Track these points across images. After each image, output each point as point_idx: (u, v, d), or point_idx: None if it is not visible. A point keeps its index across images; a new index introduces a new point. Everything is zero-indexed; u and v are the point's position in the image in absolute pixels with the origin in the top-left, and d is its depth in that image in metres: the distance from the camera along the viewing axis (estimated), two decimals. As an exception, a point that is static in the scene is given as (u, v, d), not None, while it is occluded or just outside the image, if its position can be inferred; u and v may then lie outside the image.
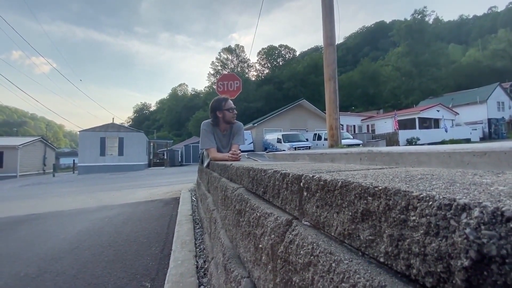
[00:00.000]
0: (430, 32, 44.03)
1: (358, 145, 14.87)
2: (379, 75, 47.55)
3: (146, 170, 21.80)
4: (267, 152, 4.49)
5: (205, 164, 2.72)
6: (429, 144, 19.43)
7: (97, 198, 6.02)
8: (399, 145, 20.10)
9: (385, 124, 27.20)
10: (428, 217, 0.32)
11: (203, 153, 2.91)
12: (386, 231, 0.39)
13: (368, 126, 29.46)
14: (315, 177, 0.57)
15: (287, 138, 17.41)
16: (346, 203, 0.48)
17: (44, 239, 2.99)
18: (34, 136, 40.38)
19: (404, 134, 21.72)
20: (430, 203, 0.33)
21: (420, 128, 24.87)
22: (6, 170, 22.69)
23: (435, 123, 26.05)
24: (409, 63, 43.20)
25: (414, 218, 0.34)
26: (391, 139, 22.00)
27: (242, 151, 2.74)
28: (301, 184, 0.62)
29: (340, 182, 0.50)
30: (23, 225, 3.71)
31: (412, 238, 0.34)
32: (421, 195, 0.34)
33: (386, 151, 1.58)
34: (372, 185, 0.43)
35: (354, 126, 29.55)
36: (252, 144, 19.91)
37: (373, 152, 1.70)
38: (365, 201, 0.43)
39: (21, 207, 5.29)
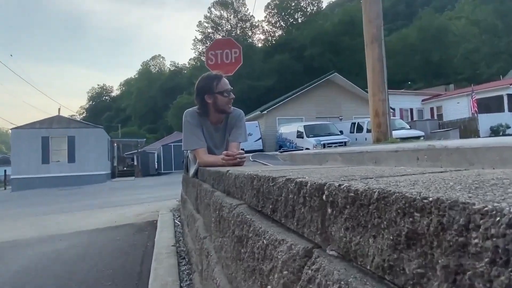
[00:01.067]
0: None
1: (418, 138, 14.28)
2: (446, 34, 45.34)
3: (108, 182, 22.17)
4: (282, 152, 4.49)
5: (192, 172, 2.78)
6: (525, 133, 19.03)
7: (40, 224, 6.14)
8: (479, 136, 19.75)
9: (457, 106, 26.69)
10: (494, 239, 0.34)
11: (188, 156, 2.97)
12: (440, 261, 0.40)
13: (432, 109, 28.95)
14: (342, 187, 0.59)
15: (311, 131, 17.39)
16: (385, 222, 0.49)
17: (-33, 284, 3.10)
18: None
19: (486, 120, 21.32)
20: (497, 219, 0.34)
21: (510, 110, 24.33)
22: None
23: (535, 102, 25.50)
24: (492, 14, 42.05)
25: (476, 241, 0.36)
26: (467, 128, 21.60)
27: (246, 152, 2.75)
28: (324, 197, 0.63)
29: (376, 193, 0.52)
30: None
31: (474, 269, 0.35)
32: (485, 208, 0.35)
33: (454, 146, 1.58)
34: (420, 196, 0.44)
35: (411, 110, 29.17)
36: (260, 141, 19.87)
37: (435, 148, 1.70)
38: (410, 218, 0.45)
39: None
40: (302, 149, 10.04)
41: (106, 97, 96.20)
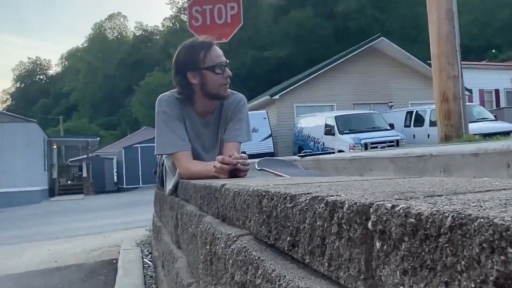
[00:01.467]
0: None
1: (507, 134, 10.82)
2: None
3: (45, 202, 17.33)
4: (302, 156, 3.68)
5: (169, 187, 2.23)
6: None
7: None
8: None
9: None
10: None
11: (164, 164, 2.38)
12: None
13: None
14: (397, 209, 0.45)
15: (347, 125, 13.67)
16: (463, 262, 0.37)
17: None
18: None
19: None
20: None
21: None
22: None
23: None
24: None
25: None
26: None
27: (250, 156, 2.27)
28: (370, 224, 0.49)
29: (449, 219, 0.39)
30: None
31: None
32: None
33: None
34: (515, 223, 0.34)
35: (496, 91, 21.70)
36: (270, 139, 16.01)
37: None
38: (501, 257, 0.31)
39: None
40: (333, 152, 7.64)
41: (41, 77, 74.23)
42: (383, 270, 0.47)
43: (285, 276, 0.64)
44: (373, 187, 0.70)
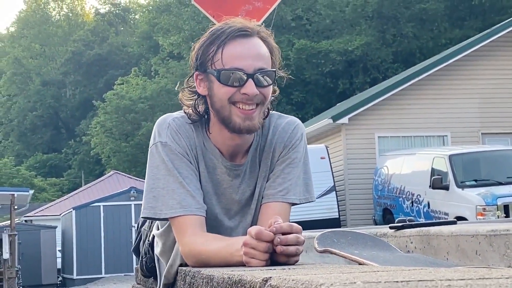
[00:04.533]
0: None
1: None
2: None
3: None
4: (397, 226, 1.95)
5: (162, 280, 1.27)
6: None
7: None
8: None
9: None
10: None
11: (153, 237, 1.32)
12: None
13: None
14: None
15: (471, 170, 8.06)
16: None
17: None
18: None
19: None
20: None
21: None
22: None
23: None
24: None
25: None
26: None
27: (304, 227, 1.07)
28: None
29: None
30: None
31: None
32: None
33: None
34: None
35: None
36: (332, 194, 9.17)
37: None
38: None
39: None
40: (449, 221, 2.95)
41: None
42: None
43: None
44: None
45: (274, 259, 0.89)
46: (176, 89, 1.25)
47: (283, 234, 0.86)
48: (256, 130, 1.12)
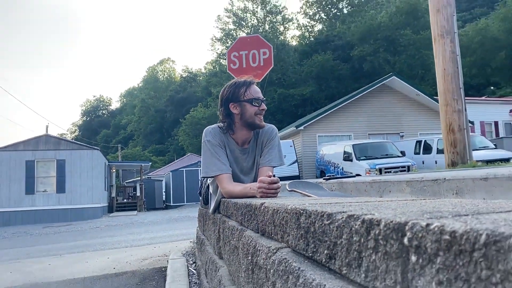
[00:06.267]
0: None
1: (507, 160, 10.34)
2: None
3: (105, 218, 16.67)
4: (327, 179, 3.39)
5: (212, 206, 2.11)
6: None
7: (23, 270, 4.62)
8: None
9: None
10: None
11: (208, 185, 2.25)
12: None
13: (524, 121, 20.42)
14: (432, 227, 0.40)
15: (363, 152, 12.68)
16: (498, 275, 0.32)
17: None
18: None
19: None
20: None
21: None
22: None
23: None
24: None
25: None
26: None
27: (280, 179, 2.07)
28: (406, 240, 0.43)
29: (483, 236, 0.34)
30: None
31: None
32: None
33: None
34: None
35: (495, 123, 20.42)
36: (295, 164, 14.74)
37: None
38: None
39: None
40: (352, 176, 7.47)
41: (103, 111, 72.37)
42: (419, 281, 0.42)
43: (325, 285, 0.59)
44: (400, 207, 0.64)
45: (267, 195, 1.65)
46: (218, 114, 2.12)
47: (272, 183, 1.65)
48: (262, 127, 2.05)
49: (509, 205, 0.56)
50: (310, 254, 0.70)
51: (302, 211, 0.74)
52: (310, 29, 43.52)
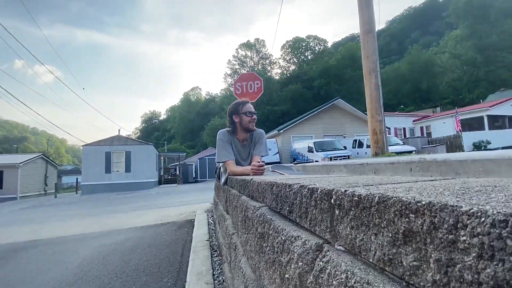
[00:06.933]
0: (496, 7, 41.68)
1: (410, 152, 14.24)
2: (433, 66, 45.22)
3: (156, 188, 22.37)
4: (295, 163, 4.49)
5: (223, 180, 2.78)
6: (503, 148, 18.30)
7: (102, 222, 6.26)
8: (463, 151, 19.09)
9: (444, 125, 25.98)
10: (480, 236, 0.32)
11: (220, 167, 2.99)
12: (433, 255, 0.38)
13: (422, 128, 28.30)
14: (347, 192, 0.58)
15: (320, 147, 17.28)
16: (385, 222, 0.48)
17: (46, 268, 3.17)
18: (35, 152, 42.37)
19: (469, 137, 20.65)
20: (482, 219, 0.32)
21: (490, 128, 23.45)
22: (6, 191, 24.26)
23: (511, 121, 24.49)
24: (471, 49, 41.08)
25: (464, 238, 0.34)
26: (453, 144, 20.89)
27: (266, 163, 2.76)
28: (332, 200, 0.62)
29: (377, 197, 0.51)
30: (22, 253, 3.95)
31: (463, 262, 0.34)
32: (472, 210, 0.34)
33: (442, 158, 1.53)
34: (414, 200, 0.43)
35: (403, 129, 28.68)
36: (278, 154, 19.87)
37: (426, 160, 1.65)
38: (406, 219, 0.44)
39: (21, 233, 5.64)
40: (312, 161, 9.69)
41: (155, 121, 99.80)
42: (340, 226, 0.59)
43: (285, 229, 0.81)
44: (334, 180, 0.89)
45: (256, 174, 2.11)
46: (226, 123, 2.85)
47: (260, 166, 2.23)
48: (254, 130, 2.80)
49: (402, 179, 0.79)
50: (279, 210, 0.95)
51: (274, 183, 1.00)
52: (287, 69, 62.09)
